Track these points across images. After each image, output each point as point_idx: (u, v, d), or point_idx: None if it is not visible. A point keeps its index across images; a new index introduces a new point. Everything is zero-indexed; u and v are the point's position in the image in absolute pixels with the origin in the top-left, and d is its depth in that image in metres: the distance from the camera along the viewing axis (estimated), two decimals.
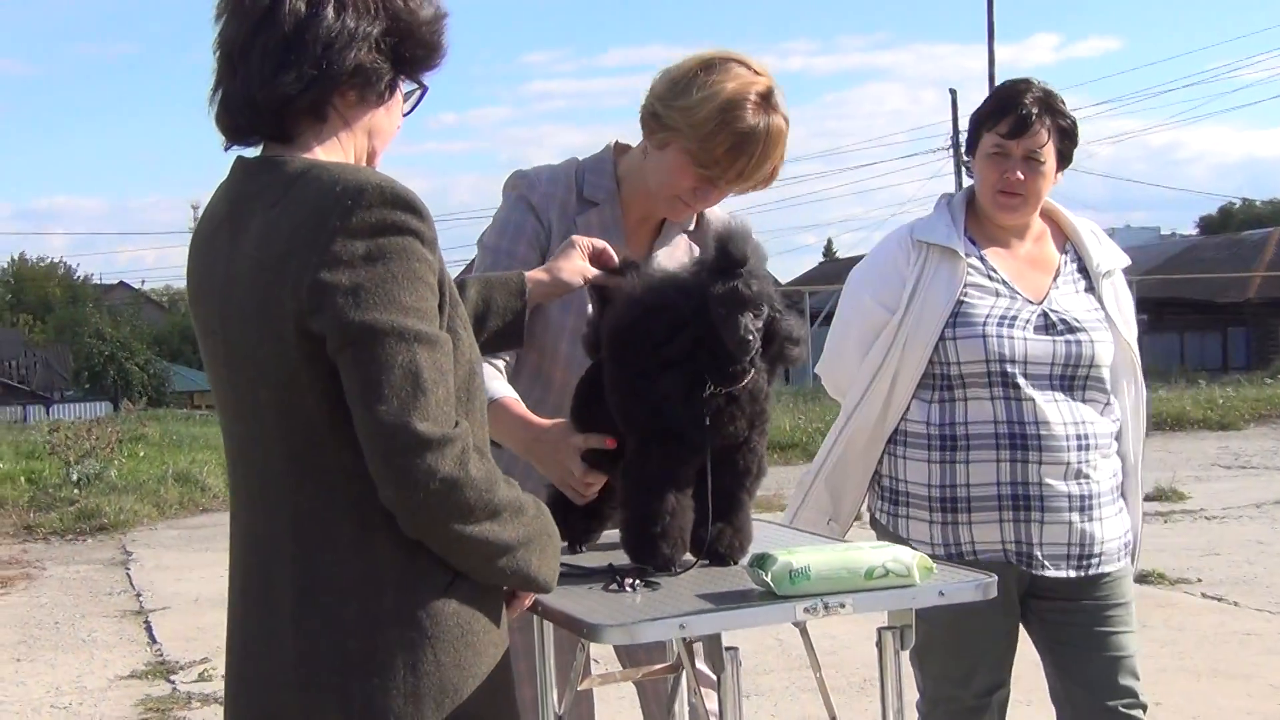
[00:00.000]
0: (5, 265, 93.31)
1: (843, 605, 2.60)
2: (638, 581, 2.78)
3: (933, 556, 3.60)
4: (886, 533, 3.87)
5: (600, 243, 3.19)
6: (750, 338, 2.72)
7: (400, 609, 2.27)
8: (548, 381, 3.47)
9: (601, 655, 3.51)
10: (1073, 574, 3.74)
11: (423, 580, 2.28)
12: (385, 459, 2.18)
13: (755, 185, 3.39)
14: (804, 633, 3.21)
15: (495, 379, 3.26)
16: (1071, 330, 3.77)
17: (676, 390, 2.79)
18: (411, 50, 2.43)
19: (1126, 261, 4.04)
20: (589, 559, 3.04)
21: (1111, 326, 3.84)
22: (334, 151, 2.40)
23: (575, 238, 3.20)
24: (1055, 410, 3.71)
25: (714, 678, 3.44)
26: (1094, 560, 3.76)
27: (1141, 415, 3.97)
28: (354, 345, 2.17)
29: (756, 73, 3.30)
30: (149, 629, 9.01)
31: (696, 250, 3.52)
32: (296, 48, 2.31)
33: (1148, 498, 13.47)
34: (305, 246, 2.20)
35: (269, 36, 2.32)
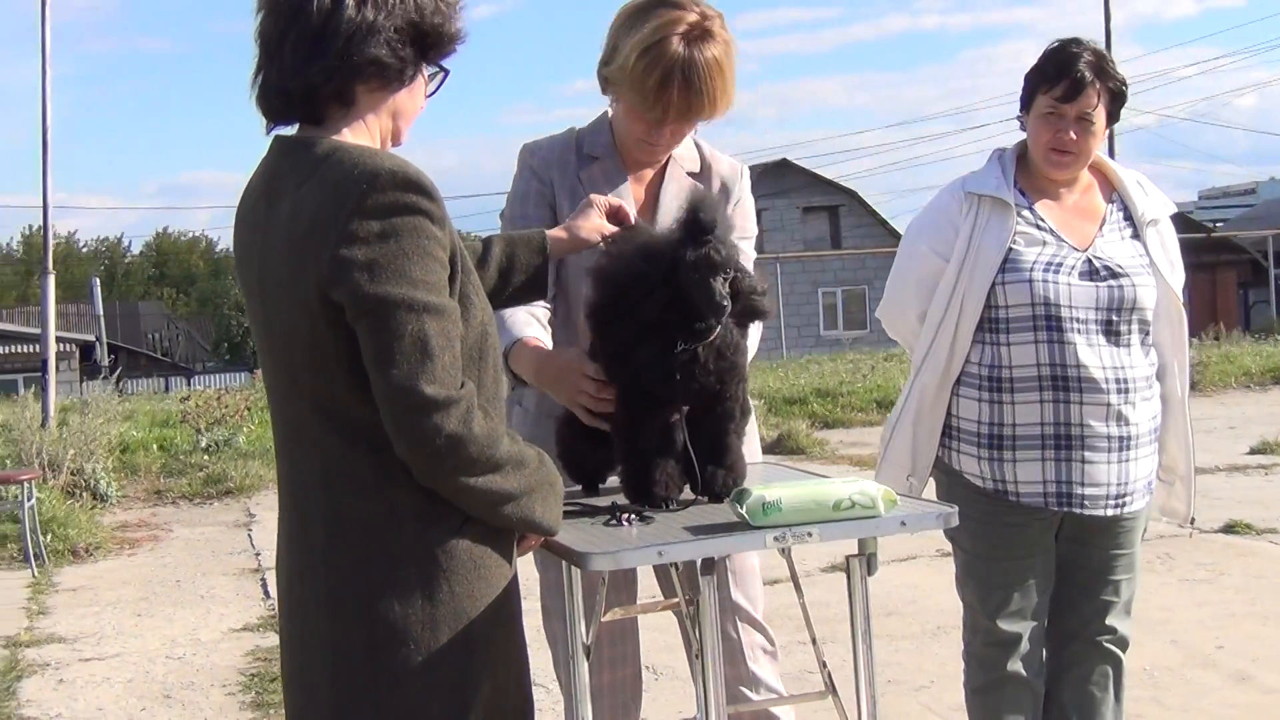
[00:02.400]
0: (149, 240, 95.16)
1: (809, 534, 2.84)
2: (633, 517, 3.05)
3: (980, 489, 3.89)
4: (940, 463, 4.12)
5: (617, 200, 3.42)
6: (724, 300, 2.97)
7: (418, 545, 2.54)
8: (575, 328, 3.68)
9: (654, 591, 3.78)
10: (1109, 513, 3.97)
11: (439, 520, 2.55)
12: (396, 418, 2.45)
13: (707, 115, 3.54)
14: (790, 566, 3.45)
15: (529, 325, 3.52)
16: (1115, 276, 3.95)
17: (650, 352, 3.04)
18: (429, 38, 2.67)
19: (1172, 209, 4.22)
20: (598, 500, 3.30)
21: (1155, 272, 4.03)
22: (360, 133, 2.66)
23: (593, 196, 3.43)
24: (1096, 354, 3.91)
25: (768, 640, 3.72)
26: (1127, 499, 3.98)
27: (1185, 356, 4.16)
28: (369, 315, 2.44)
29: (682, 8, 3.47)
30: (264, 585, 9.36)
31: (699, 190, 3.70)
32: (322, 40, 2.56)
33: (1251, 450, 13.51)
34: (326, 224, 2.47)
35: (299, 30, 2.58)
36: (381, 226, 2.46)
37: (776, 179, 49.69)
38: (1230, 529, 9.65)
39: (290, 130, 2.71)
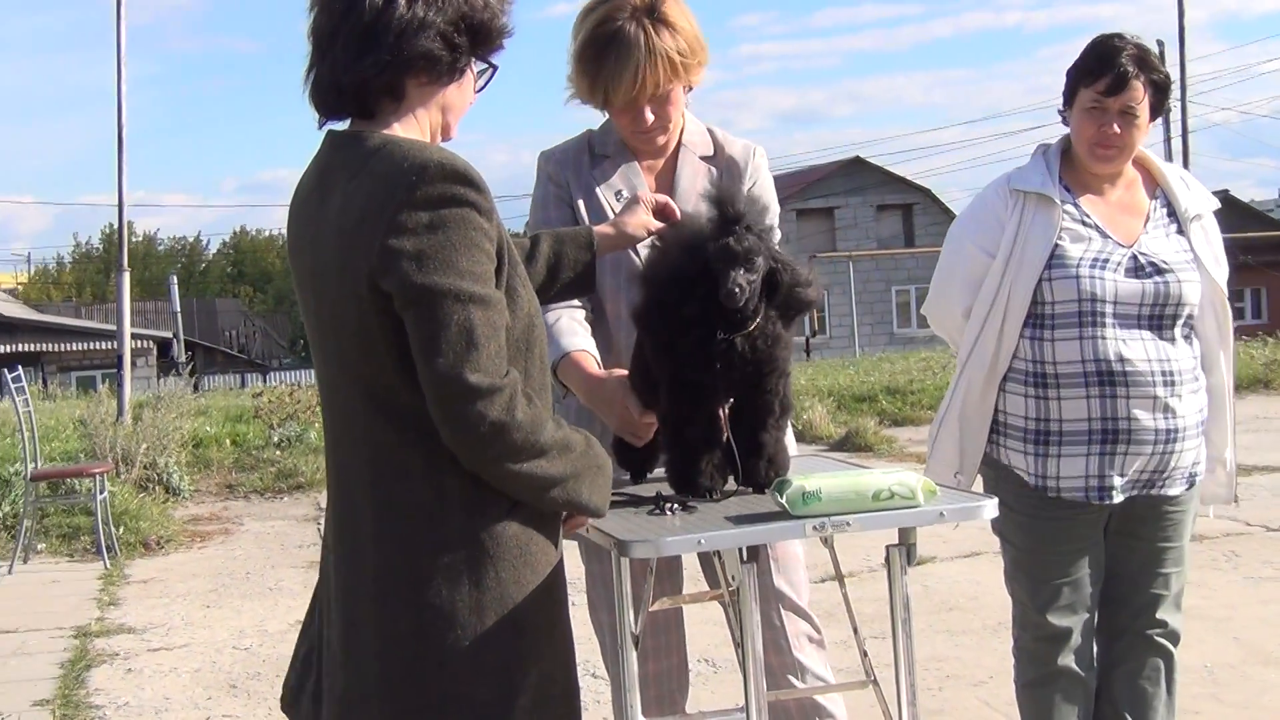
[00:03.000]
0: (227, 238, 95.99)
1: (848, 524, 2.86)
2: (676, 506, 3.08)
3: (1027, 485, 3.92)
4: (987, 457, 4.14)
5: (663, 197, 3.46)
6: (736, 289, 2.99)
7: (466, 531, 2.58)
8: (606, 326, 3.77)
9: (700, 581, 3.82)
10: (1151, 492, 3.99)
11: (486, 506, 2.59)
12: (441, 406, 2.51)
13: (657, 77, 3.54)
14: (833, 555, 3.46)
15: (573, 334, 3.58)
16: (1160, 272, 3.96)
17: (691, 342, 3.08)
18: (479, 33, 2.72)
19: (1215, 205, 4.21)
20: (645, 489, 3.34)
21: (1200, 267, 4.03)
22: (410, 126, 2.72)
23: (640, 193, 3.49)
24: (1143, 348, 3.91)
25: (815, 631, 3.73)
26: (1167, 482, 4.00)
27: (1229, 348, 4.15)
28: (416, 305, 2.49)
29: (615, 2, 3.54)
30: None
31: (714, 174, 3.77)
32: (374, 36, 2.62)
33: None
34: (377, 215, 2.52)
35: (351, 26, 2.64)
36: (430, 218, 2.51)
37: (851, 177, 49.66)
38: None
39: (342, 125, 2.76)
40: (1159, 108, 4.04)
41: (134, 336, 22.54)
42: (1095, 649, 4.17)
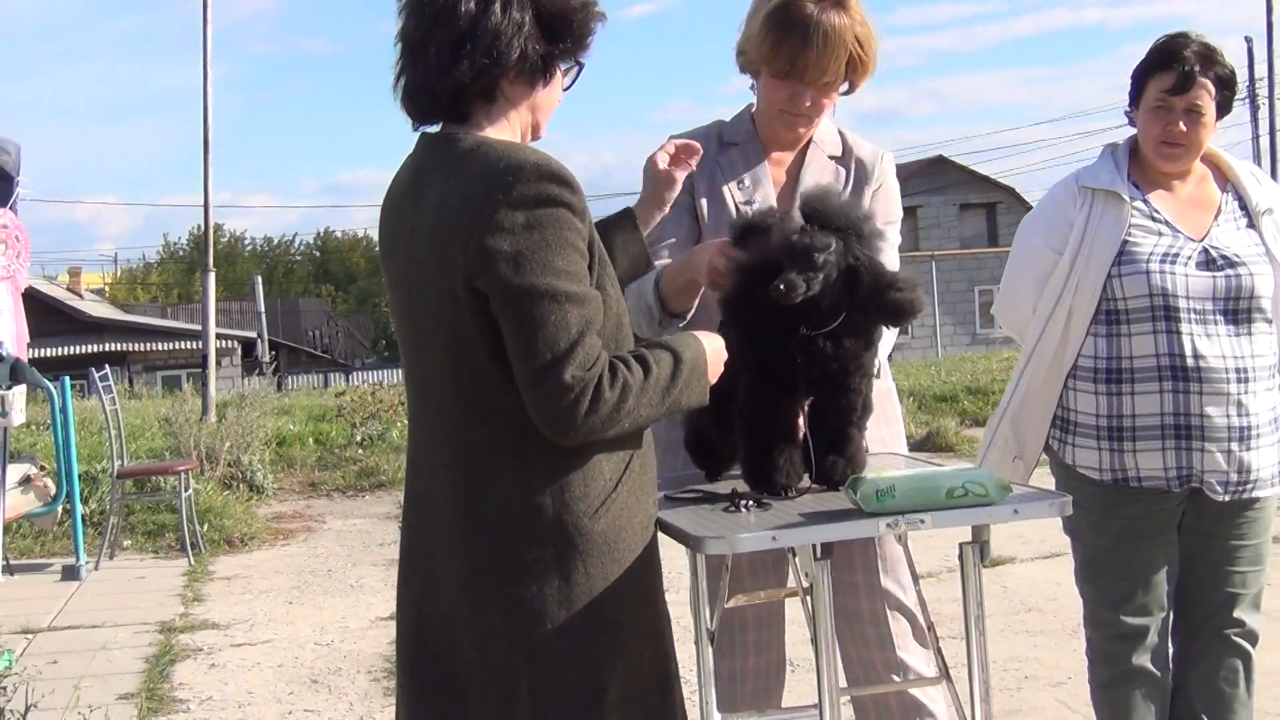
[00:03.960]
0: (312, 239, 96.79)
1: (922, 521, 2.87)
2: (751, 503, 3.10)
3: (1099, 481, 3.89)
4: (1056, 458, 4.14)
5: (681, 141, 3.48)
6: (784, 285, 3.02)
7: (555, 527, 2.64)
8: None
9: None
10: (1228, 498, 3.94)
11: (575, 503, 2.65)
12: (539, 403, 2.57)
13: (832, 77, 3.64)
14: (907, 553, 3.47)
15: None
16: (1232, 265, 3.95)
17: (772, 334, 3.11)
18: (566, 34, 2.77)
19: None
20: (721, 487, 3.36)
21: (1272, 261, 4.02)
22: (503, 128, 2.78)
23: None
24: (1215, 343, 3.90)
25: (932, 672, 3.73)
26: (1248, 486, 3.95)
27: None
28: (514, 305, 2.55)
29: None
30: None
31: (841, 173, 3.83)
32: (470, 40, 2.68)
33: None
34: (473, 215, 2.58)
35: (445, 32, 2.70)
36: (526, 217, 2.56)
37: (933, 176, 49.42)
38: None
39: (435, 128, 2.81)
40: (1226, 105, 4.04)
41: (219, 336, 22.78)
42: (1171, 649, 4.15)
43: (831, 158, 3.86)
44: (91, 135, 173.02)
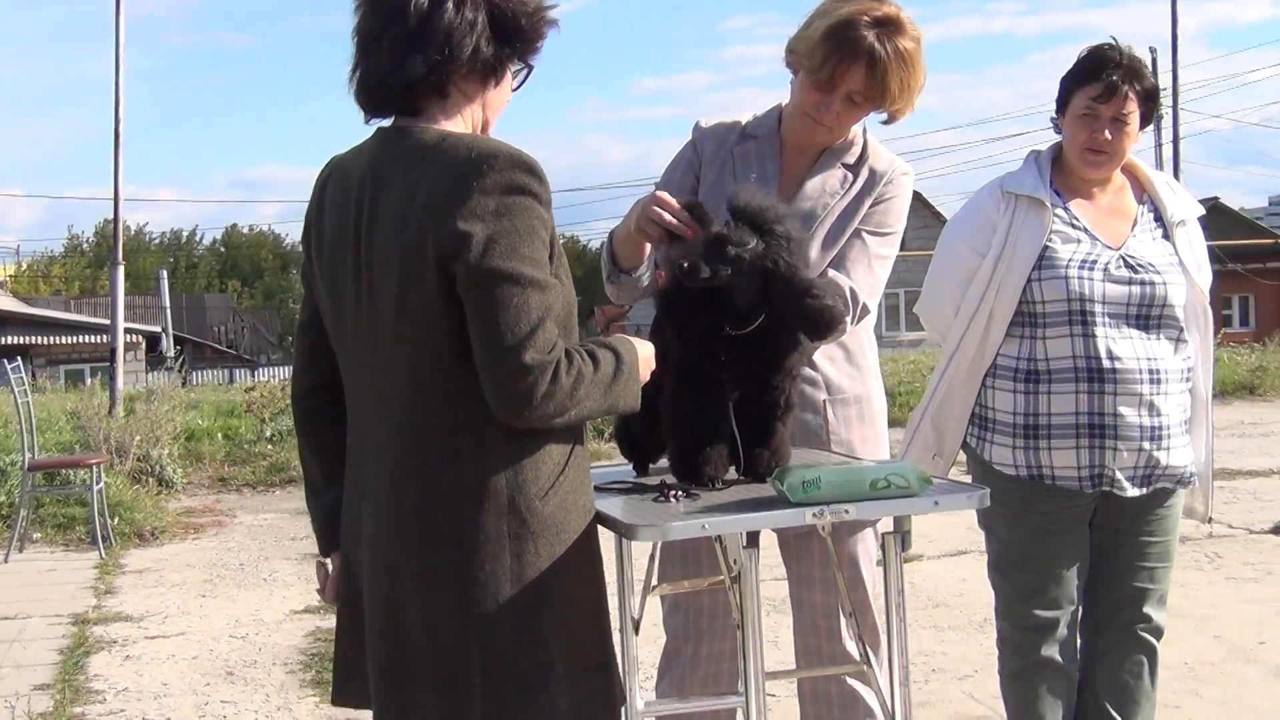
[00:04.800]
0: (218, 234, 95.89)
1: (846, 511, 2.96)
2: (680, 494, 3.19)
3: (1014, 477, 4.03)
4: (974, 455, 4.27)
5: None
6: (686, 266, 3.15)
7: (510, 507, 2.73)
8: None
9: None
10: (1141, 491, 4.08)
11: (527, 484, 2.74)
12: (496, 382, 2.64)
13: (875, 99, 3.72)
14: (831, 547, 3.57)
15: None
16: (1146, 274, 4.08)
17: (699, 331, 3.21)
18: (517, 37, 2.86)
19: (1200, 211, 4.35)
20: (650, 479, 3.45)
21: (1184, 271, 4.15)
22: (456, 123, 2.85)
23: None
24: (1129, 346, 4.04)
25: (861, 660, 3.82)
26: (1158, 484, 4.11)
27: (1209, 352, 4.28)
28: (479, 287, 2.63)
29: (879, 2, 3.67)
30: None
31: (849, 179, 3.87)
32: (423, 36, 2.76)
33: None
34: (445, 201, 2.66)
35: (398, 27, 2.77)
36: (498, 204, 2.65)
37: None
38: None
39: (387, 121, 2.89)
40: (1149, 116, 4.17)
41: (124, 331, 22.54)
42: (1079, 642, 4.29)
43: (843, 164, 3.88)
44: None
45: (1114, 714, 4.25)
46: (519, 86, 2.98)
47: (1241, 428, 16.39)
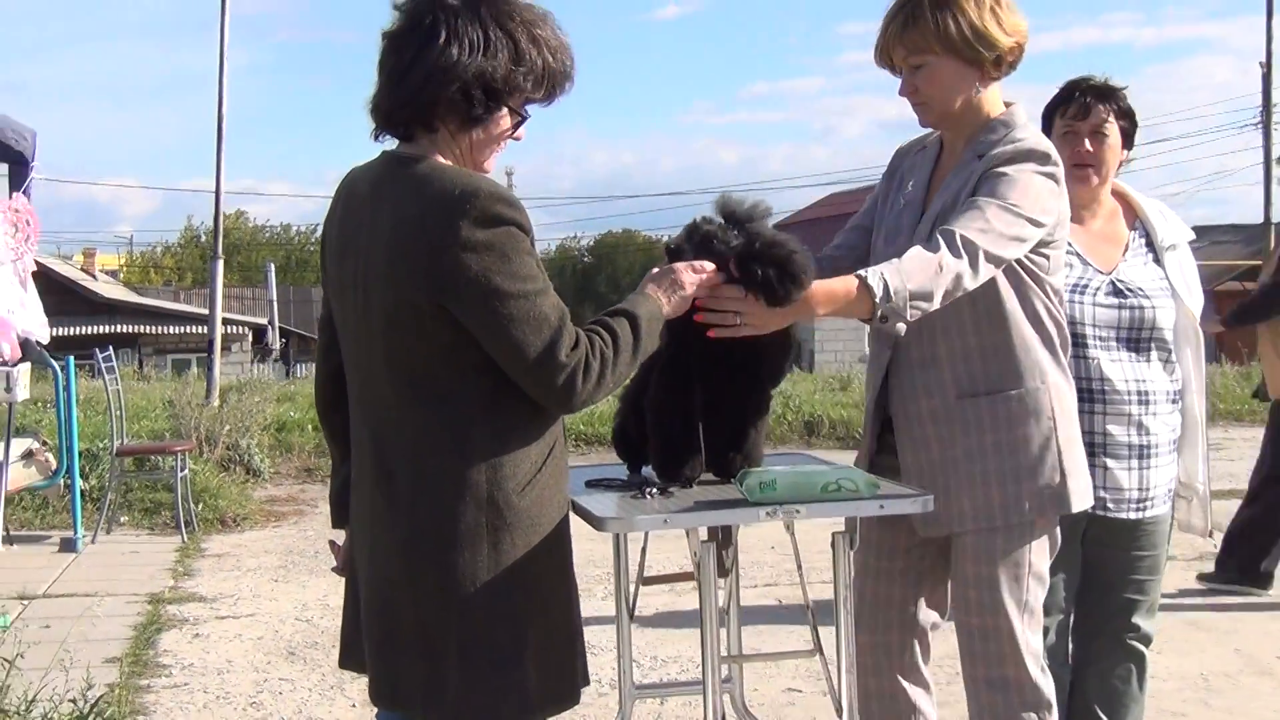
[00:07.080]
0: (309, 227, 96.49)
1: (798, 511, 3.25)
2: (655, 491, 3.48)
3: None
4: None
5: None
6: (673, 248, 3.41)
7: (489, 501, 3.03)
8: None
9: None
10: (1132, 516, 4.29)
11: (506, 481, 3.04)
12: (544, 386, 2.99)
13: (942, 52, 3.65)
14: (794, 541, 3.84)
15: None
16: (1136, 298, 4.29)
17: (679, 323, 3.36)
18: (502, 91, 3.10)
19: (1191, 236, 4.56)
20: (639, 478, 3.75)
21: (1174, 295, 4.37)
22: (447, 155, 3.13)
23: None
24: (1119, 368, 4.25)
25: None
26: (1147, 504, 4.31)
27: (1203, 376, 4.49)
28: (495, 312, 2.94)
29: None
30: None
31: (970, 166, 3.71)
32: (406, 76, 3.06)
33: None
34: (436, 232, 2.94)
35: (395, 62, 3.09)
36: (487, 235, 2.93)
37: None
38: None
39: (392, 144, 3.19)
40: (1130, 135, 4.41)
41: (229, 322, 23.03)
42: (1071, 648, 4.50)
43: (977, 155, 3.69)
44: (112, 116, 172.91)
45: (1103, 717, 4.46)
46: (513, 132, 3.19)
47: None
